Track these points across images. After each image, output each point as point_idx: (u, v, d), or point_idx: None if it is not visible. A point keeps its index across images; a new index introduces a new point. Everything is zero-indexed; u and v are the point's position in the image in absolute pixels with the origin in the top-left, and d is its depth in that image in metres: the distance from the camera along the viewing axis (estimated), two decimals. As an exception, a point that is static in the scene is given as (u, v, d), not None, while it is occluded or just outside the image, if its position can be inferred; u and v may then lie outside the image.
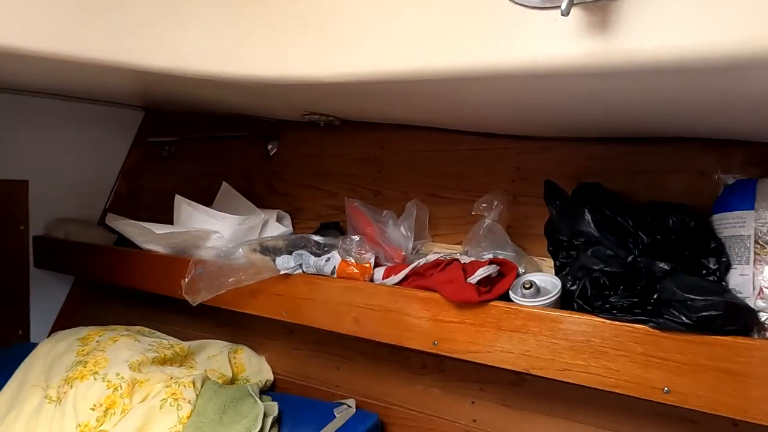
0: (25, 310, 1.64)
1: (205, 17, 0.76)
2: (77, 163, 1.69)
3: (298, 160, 1.42)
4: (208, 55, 0.78)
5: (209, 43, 0.77)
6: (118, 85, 1.32)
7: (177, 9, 0.76)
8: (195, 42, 0.78)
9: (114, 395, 0.99)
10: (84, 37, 0.71)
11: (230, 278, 1.08)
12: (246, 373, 1.25)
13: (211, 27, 0.77)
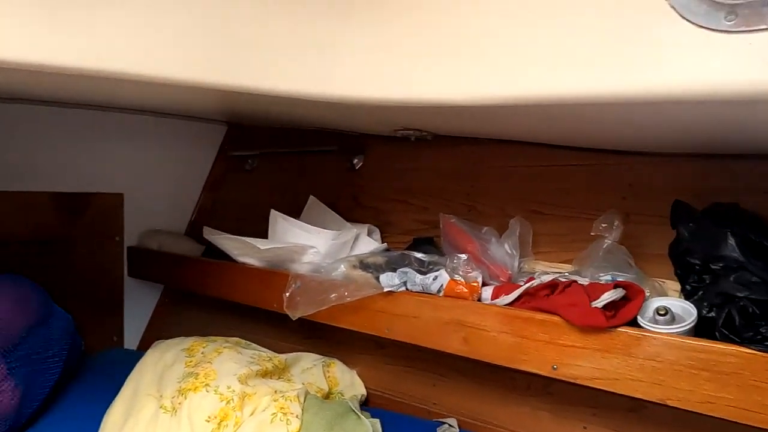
0: (119, 318, 1.72)
1: (329, 43, 0.77)
2: (166, 176, 1.76)
3: (385, 173, 1.42)
4: (328, 78, 0.79)
5: (335, 67, 0.78)
6: (205, 103, 1.37)
7: (308, 36, 0.77)
8: (324, 66, 0.79)
9: (227, 408, 1.01)
10: (209, 63, 0.74)
11: (332, 294, 1.09)
12: (339, 387, 1.26)
13: (335, 52, 0.78)
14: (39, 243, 1.58)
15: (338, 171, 1.53)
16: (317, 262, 1.22)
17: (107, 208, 1.67)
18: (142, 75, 0.71)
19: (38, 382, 1.15)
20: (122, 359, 1.62)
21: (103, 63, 0.69)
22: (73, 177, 1.61)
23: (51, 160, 1.58)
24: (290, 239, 1.26)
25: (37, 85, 1.04)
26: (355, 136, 1.48)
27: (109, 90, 1.14)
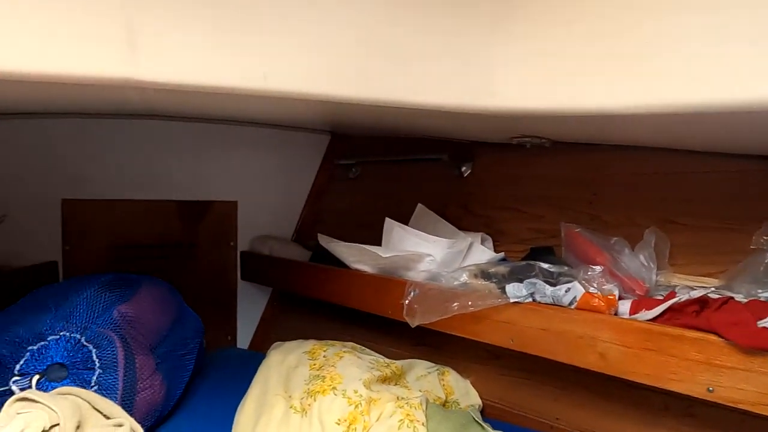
0: (233, 318, 1.82)
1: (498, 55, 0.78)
2: (274, 185, 1.85)
3: (496, 181, 1.41)
4: (484, 91, 0.79)
5: (492, 80, 0.78)
6: (313, 114, 1.42)
7: (461, 50, 0.78)
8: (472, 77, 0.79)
9: (355, 412, 1.04)
10: (364, 80, 0.76)
11: (454, 303, 1.09)
12: (455, 396, 1.25)
13: (491, 65, 0.78)
14: (165, 247, 1.71)
15: (445, 179, 1.53)
16: (433, 270, 1.23)
17: (223, 215, 1.78)
18: (303, 93, 0.74)
19: (177, 377, 1.24)
20: (237, 358, 1.72)
21: (266, 83, 0.73)
22: (194, 186, 1.74)
23: (176, 171, 1.70)
24: (406, 247, 1.27)
25: (179, 103, 1.12)
26: (463, 144, 1.47)
27: (235, 105, 1.21)
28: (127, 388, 1.06)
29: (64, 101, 1.20)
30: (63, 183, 1.58)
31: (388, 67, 0.77)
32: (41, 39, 0.64)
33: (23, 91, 1.00)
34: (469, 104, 0.80)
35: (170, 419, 1.25)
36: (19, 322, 1.09)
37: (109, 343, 1.08)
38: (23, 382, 1.02)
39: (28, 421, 0.85)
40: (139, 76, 0.66)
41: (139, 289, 1.22)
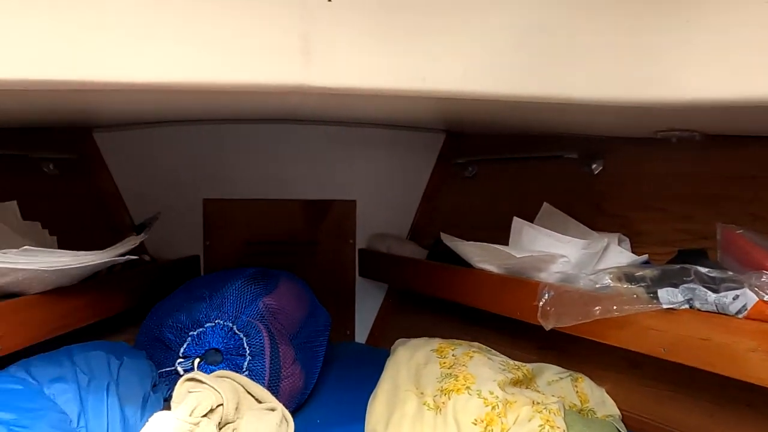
0: (351, 313, 1.89)
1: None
2: (390, 184, 1.89)
3: (635, 178, 1.32)
4: (655, 83, 0.74)
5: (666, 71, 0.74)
6: (430, 113, 1.42)
7: (631, 42, 0.74)
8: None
9: (492, 413, 1.03)
10: (529, 76, 0.75)
11: (596, 307, 1.04)
12: (590, 405, 1.19)
13: (664, 56, 0.74)
14: (291, 243, 1.81)
15: (572, 177, 1.47)
16: (567, 272, 1.18)
17: (343, 213, 1.85)
18: (459, 93, 0.75)
19: (312, 367, 1.31)
20: (357, 352, 1.78)
21: (425, 84, 0.74)
22: (316, 186, 1.82)
23: (301, 171, 1.80)
24: (537, 247, 1.24)
25: (326, 107, 1.18)
26: (594, 140, 1.40)
27: (365, 106, 1.25)
28: (273, 375, 1.14)
29: (216, 109, 1.32)
30: (204, 184, 1.73)
31: (545, 63, 0.75)
32: (225, 52, 0.70)
33: (184, 101, 1.11)
34: (636, 97, 0.75)
35: (304, 408, 1.32)
36: (180, 309, 1.21)
37: (257, 332, 1.16)
38: (186, 364, 1.14)
39: (199, 399, 0.94)
40: (311, 82, 0.70)
41: (279, 283, 1.31)
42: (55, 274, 1.03)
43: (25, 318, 1.02)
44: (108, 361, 0.99)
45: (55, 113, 1.17)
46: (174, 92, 0.77)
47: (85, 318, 1.17)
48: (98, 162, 1.63)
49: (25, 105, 0.93)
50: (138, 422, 0.92)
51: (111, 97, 0.87)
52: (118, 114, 1.37)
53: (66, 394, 0.86)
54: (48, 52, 0.61)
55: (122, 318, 1.39)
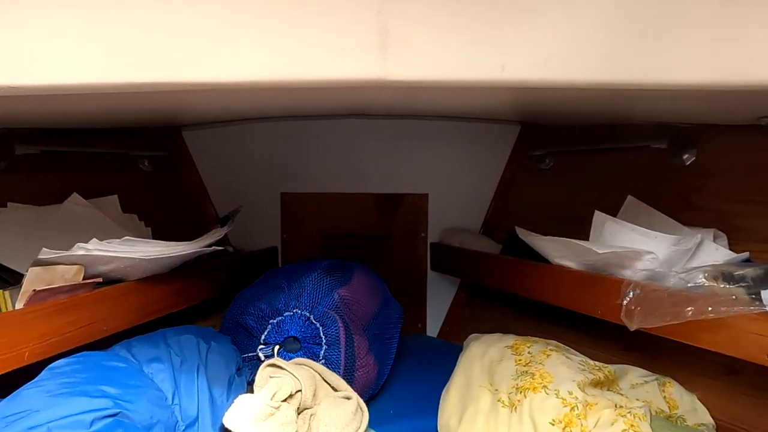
0: (423, 307, 1.89)
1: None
2: (463, 177, 1.86)
3: (731, 170, 1.21)
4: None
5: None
6: (504, 104, 1.38)
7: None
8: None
9: (571, 414, 0.99)
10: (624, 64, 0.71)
11: (688, 308, 0.97)
12: (679, 411, 1.12)
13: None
14: (364, 237, 1.84)
15: (659, 168, 1.37)
16: (654, 269, 1.11)
17: (415, 207, 1.85)
18: (539, 81, 0.72)
19: (385, 359, 1.33)
20: (428, 345, 1.78)
21: (503, 74, 0.72)
22: (389, 180, 1.84)
23: (373, 165, 1.82)
24: (620, 243, 1.17)
25: (401, 100, 1.18)
26: (685, 128, 1.30)
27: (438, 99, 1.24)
28: (348, 365, 1.17)
29: (292, 106, 1.36)
30: (282, 178, 1.80)
31: (634, 46, 0.70)
32: (305, 50, 0.71)
33: (265, 99, 1.16)
34: (737, 79, 0.69)
35: (377, 399, 1.34)
36: (261, 298, 1.26)
37: (332, 322, 1.19)
38: (266, 350, 1.19)
39: (280, 384, 0.98)
40: (388, 76, 0.71)
41: (354, 275, 1.33)
42: (151, 262, 1.12)
43: (125, 302, 1.11)
44: (197, 345, 1.06)
45: (149, 113, 1.26)
46: (258, 90, 0.80)
47: (176, 304, 1.26)
48: (186, 158, 1.74)
49: (124, 106, 1.01)
50: (224, 403, 0.98)
51: (200, 97, 0.92)
52: (205, 113, 1.45)
53: (162, 374, 0.93)
54: (148, 56, 0.66)
55: (208, 305, 1.48)
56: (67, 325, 0.98)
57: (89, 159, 1.42)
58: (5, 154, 1.18)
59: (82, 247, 1.00)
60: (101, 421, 0.72)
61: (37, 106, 0.90)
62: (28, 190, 1.24)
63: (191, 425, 0.89)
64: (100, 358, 0.91)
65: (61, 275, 1.00)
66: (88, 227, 1.26)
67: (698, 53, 0.72)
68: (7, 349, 0.88)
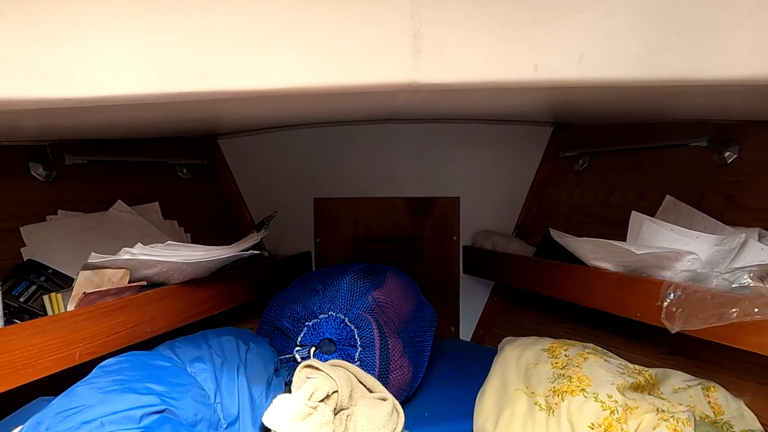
0: (456, 311, 1.89)
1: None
2: (495, 180, 1.85)
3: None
4: None
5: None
6: (537, 106, 1.36)
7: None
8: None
9: (611, 418, 0.98)
10: (661, 60, 0.70)
11: (732, 309, 0.94)
12: (725, 417, 1.08)
13: None
14: (396, 240, 1.85)
15: (699, 166, 1.34)
16: (696, 270, 1.08)
17: (447, 210, 1.85)
18: (572, 81, 0.72)
19: (419, 361, 1.33)
20: (462, 349, 1.77)
21: (537, 74, 0.72)
22: (420, 183, 1.84)
23: (405, 169, 1.83)
24: (659, 243, 1.15)
25: (433, 104, 1.19)
26: (727, 125, 1.27)
27: (468, 101, 1.24)
28: (383, 367, 1.17)
29: (325, 113, 1.39)
30: (315, 184, 1.83)
31: (671, 42, 0.69)
32: (340, 57, 0.73)
33: (298, 107, 1.18)
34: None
35: (412, 401, 1.34)
36: (296, 301, 1.29)
37: (367, 324, 1.20)
38: (303, 352, 1.21)
39: (317, 385, 1.00)
40: (422, 79, 0.72)
41: (387, 278, 1.34)
42: (192, 266, 1.16)
43: (168, 305, 1.15)
44: (237, 346, 1.09)
45: (190, 122, 1.30)
46: (296, 96, 0.82)
47: (216, 306, 1.30)
48: (223, 166, 1.79)
49: (168, 115, 1.05)
50: (263, 402, 1.00)
51: (241, 104, 0.96)
52: (240, 122, 1.50)
53: (204, 373, 0.96)
54: (193, 66, 0.69)
55: (246, 309, 1.52)
56: (115, 327, 1.03)
57: (132, 168, 1.48)
58: (56, 164, 1.24)
59: (128, 251, 1.05)
60: (149, 417, 0.75)
61: (87, 117, 0.95)
62: (76, 197, 1.30)
63: (233, 423, 0.91)
64: (146, 358, 0.95)
65: (108, 278, 1.05)
66: (132, 233, 1.32)
67: (738, 47, 0.71)
68: (60, 349, 0.93)
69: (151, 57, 0.69)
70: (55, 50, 0.66)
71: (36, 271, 1.08)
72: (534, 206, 1.85)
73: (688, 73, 0.70)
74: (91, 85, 0.68)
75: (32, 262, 1.11)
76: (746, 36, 0.71)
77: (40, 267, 1.09)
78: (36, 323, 0.90)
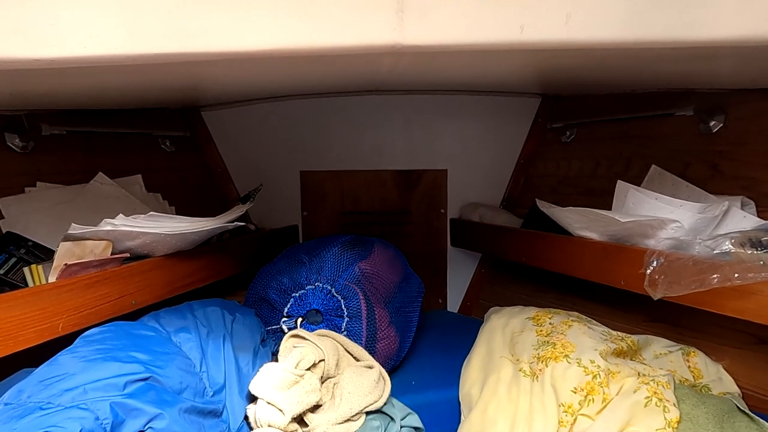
0: (443, 283, 1.90)
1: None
2: (482, 152, 1.84)
3: (761, 135, 1.18)
4: None
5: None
6: (525, 75, 1.35)
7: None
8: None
9: (593, 382, 0.99)
10: (649, 21, 0.68)
11: (713, 275, 0.95)
12: (704, 381, 1.11)
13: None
14: (383, 213, 1.85)
15: (685, 135, 1.34)
16: (679, 237, 1.09)
17: (434, 183, 1.85)
18: (559, 43, 0.71)
19: (406, 331, 1.34)
20: (449, 320, 1.79)
21: (522, 35, 0.71)
22: (407, 156, 1.83)
23: (392, 142, 1.82)
24: (644, 212, 1.15)
25: (416, 71, 1.17)
26: (713, 94, 1.27)
27: (454, 67, 1.22)
28: (369, 336, 1.18)
29: (309, 82, 1.36)
30: (301, 156, 1.81)
31: (658, 4, 0.68)
32: (320, 17, 0.71)
33: (282, 74, 1.16)
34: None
35: (399, 370, 1.35)
36: (283, 273, 1.28)
37: (354, 294, 1.21)
38: (290, 323, 1.21)
39: (304, 353, 1.00)
40: (405, 41, 0.70)
41: (374, 249, 1.34)
42: (175, 238, 1.14)
43: (153, 277, 1.14)
44: (223, 316, 1.08)
45: (169, 90, 1.27)
46: (275, 60, 0.80)
47: (202, 279, 1.29)
48: (207, 138, 1.76)
49: (143, 79, 1.02)
50: (250, 371, 1.00)
51: (217, 69, 0.93)
52: (222, 91, 1.46)
53: (190, 343, 0.96)
54: (166, 26, 0.66)
55: (232, 282, 1.51)
56: (99, 299, 1.02)
57: (113, 139, 1.45)
58: (32, 134, 1.21)
59: (109, 222, 1.03)
60: (134, 384, 0.74)
61: (62, 83, 0.91)
62: (55, 169, 1.27)
63: (219, 391, 0.91)
64: (130, 327, 0.94)
65: (90, 250, 1.03)
66: (114, 205, 1.29)
67: (725, 8, 0.70)
68: (42, 321, 0.91)
69: (124, 16, 0.66)
70: (23, 6, 0.63)
71: (16, 243, 1.06)
72: (521, 178, 1.85)
73: (675, 35, 0.69)
74: (63, 45, 0.66)
75: (11, 234, 1.08)
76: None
77: (19, 239, 1.07)
78: (16, 294, 0.88)
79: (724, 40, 0.68)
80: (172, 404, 0.74)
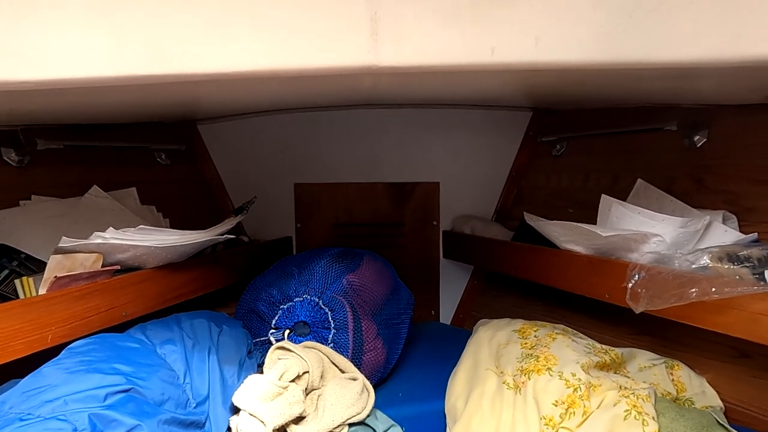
0: (436, 294, 1.91)
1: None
2: (474, 165, 1.86)
3: (743, 150, 1.19)
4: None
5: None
6: (514, 90, 1.37)
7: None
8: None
9: (574, 395, 1.00)
10: (618, 42, 0.70)
11: (692, 289, 0.97)
12: (687, 394, 1.11)
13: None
14: (376, 225, 1.87)
15: (670, 150, 1.35)
16: (661, 252, 1.10)
17: (427, 195, 1.86)
18: (529, 63, 0.73)
19: (394, 343, 1.35)
20: (441, 332, 1.80)
21: (493, 57, 0.73)
22: (400, 169, 1.85)
23: (385, 155, 1.84)
24: (627, 226, 1.17)
25: (399, 88, 1.20)
26: (697, 109, 1.28)
27: (444, 86, 1.24)
28: (356, 348, 1.19)
29: (299, 97, 1.39)
30: (295, 169, 1.84)
31: (629, 23, 0.70)
32: (299, 40, 0.73)
33: (271, 90, 1.18)
34: (743, 55, 0.68)
35: (387, 382, 1.36)
36: (272, 284, 1.30)
37: (341, 307, 1.22)
38: (277, 334, 1.23)
39: (288, 365, 1.02)
40: (380, 63, 0.72)
41: (362, 262, 1.36)
42: (166, 250, 1.16)
43: (143, 289, 1.16)
44: (209, 328, 1.10)
45: (163, 107, 1.30)
46: (256, 80, 0.83)
47: (193, 291, 1.31)
48: (202, 151, 1.79)
49: (135, 98, 1.05)
50: (235, 383, 1.01)
51: (205, 88, 0.96)
52: (217, 107, 1.49)
53: (174, 354, 0.97)
54: (151, 49, 0.69)
55: (226, 293, 1.53)
56: (88, 310, 1.04)
57: (109, 153, 1.48)
58: (28, 149, 1.24)
59: (99, 235, 1.05)
60: (114, 396, 0.76)
61: (55, 101, 0.94)
62: (51, 183, 1.30)
63: (202, 403, 0.93)
64: (115, 339, 0.96)
65: (80, 263, 1.06)
66: (109, 218, 1.32)
67: (700, 27, 0.71)
68: (32, 332, 0.93)
69: (109, 39, 0.69)
70: (9, 30, 0.66)
71: (8, 256, 1.09)
72: (513, 191, 1.86)
73: (642, 56, 0.71)
74: (49, 67, 0.68)
75: (4, 246, 1.11)
76: (694, 18, 0.71)
77: (12, 252, 1.10)
78: (6, 306, 0.90)
79: (683, 62, 0.70)
80: (151, 415, 0.76)
